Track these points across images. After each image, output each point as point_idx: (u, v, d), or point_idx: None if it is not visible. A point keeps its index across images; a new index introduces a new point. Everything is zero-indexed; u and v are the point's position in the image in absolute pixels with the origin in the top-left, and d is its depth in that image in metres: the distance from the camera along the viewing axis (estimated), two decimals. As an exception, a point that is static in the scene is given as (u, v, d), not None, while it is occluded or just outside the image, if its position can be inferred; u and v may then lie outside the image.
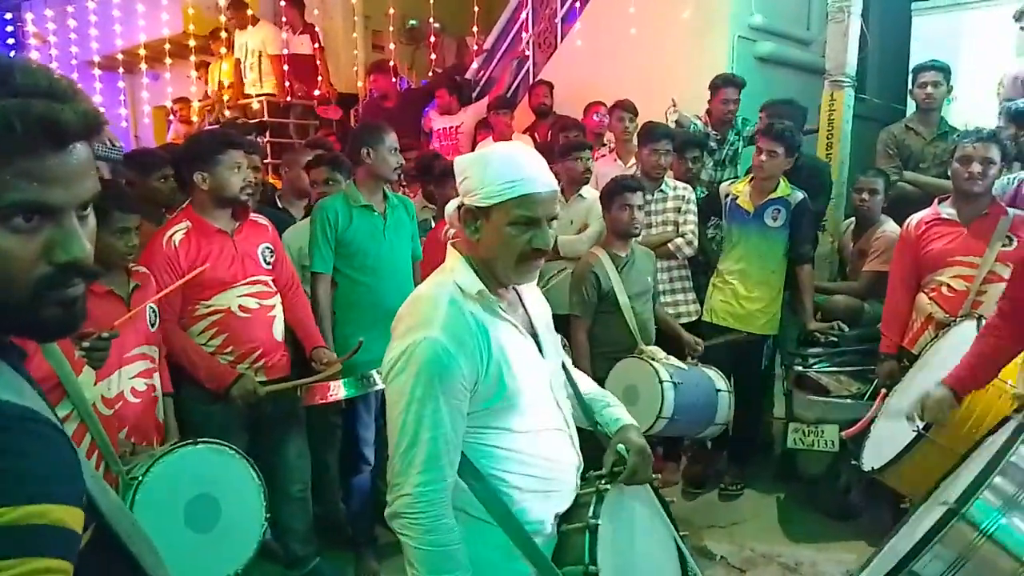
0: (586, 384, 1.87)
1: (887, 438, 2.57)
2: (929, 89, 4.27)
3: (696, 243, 3.89)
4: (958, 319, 2.87)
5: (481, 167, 1.53)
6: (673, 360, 3.27)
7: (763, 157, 3.64)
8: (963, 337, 2.55)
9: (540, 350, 1.64)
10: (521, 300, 1.69)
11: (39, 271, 0.75)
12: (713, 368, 3.39)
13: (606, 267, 3.37)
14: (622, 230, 3.40)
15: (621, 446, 1.71)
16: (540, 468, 1.59)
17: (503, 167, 1.51)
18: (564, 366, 1.78)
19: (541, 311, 1.73)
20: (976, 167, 2.94)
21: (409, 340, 1.47)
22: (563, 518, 1.62)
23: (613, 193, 3.40)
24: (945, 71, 4.33)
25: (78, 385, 2.13)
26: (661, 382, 3.09)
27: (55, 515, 0.67)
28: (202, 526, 2.22)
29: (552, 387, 1.65)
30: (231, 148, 2.69)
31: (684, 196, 3.96)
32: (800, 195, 3.69)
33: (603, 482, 1.66)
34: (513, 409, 1.54)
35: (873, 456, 2.59)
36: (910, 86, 4.48)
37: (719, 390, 3.33)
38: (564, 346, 1.90)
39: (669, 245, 3.85)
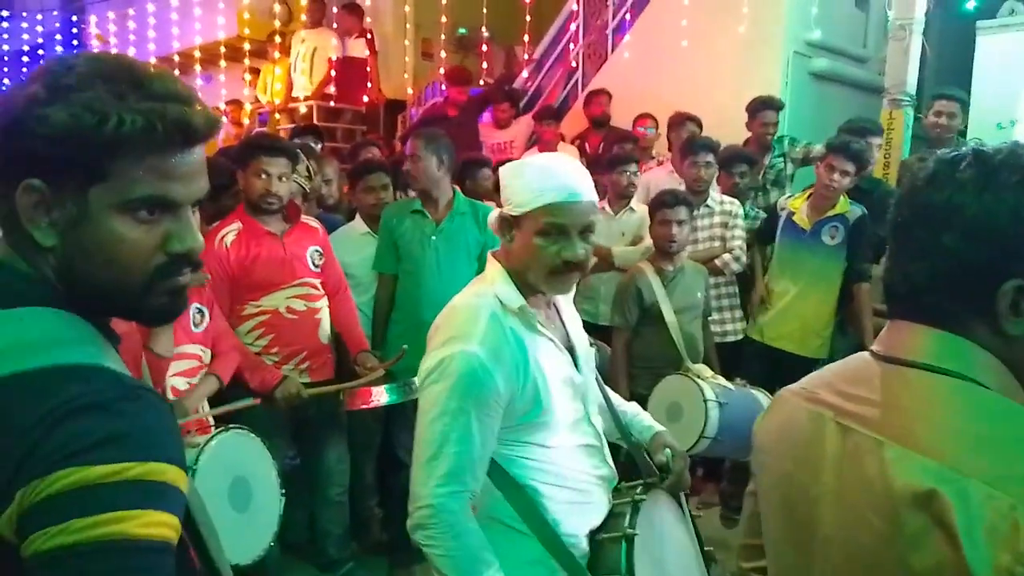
0: (617, 399, 1.88)
1: None
2: (944, 120, 4.14)
3: (744, 259, 3.81)
4: None
5: (516, 176, 1.54)
6: (720, 379, 3.20)
7: (836, 176, 3.51)
8: None
9: (576, 365, 1.63)
10: (559, 313, 1.69)
11: (156, 260, 0.82)
12: (760, 390, 3.30)
13: (651, 281, 3.31)
14: (661, 245, 3.35)
15: (668, 451, 1.73)
16: (574, 481, 1.59)
17: (534, 176, 1.52)
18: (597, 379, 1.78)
19: (578, 328, 1.73)
20: None
21: (447, 351, 1.47)
22: (598, 529, 1.62)
23: (655, 207, 3.36)
24: (962, 103, 4.18)
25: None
26: (706, 401, 3.01)
27: (171, 475, 0.73)
28: (241, 506, 2.28)
29: (586, 402, 1.65)
30: (263, 153, 2.70)
31: (731, 211, 3.87)
32: (859, 210, 3.57)
33: (638, 492, 1.66)
34: (548, 424, 1.54)
35: None
36: (925, 113, 4.33)
37: None
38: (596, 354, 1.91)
39: (716, 261, 3.77)
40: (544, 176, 1.51)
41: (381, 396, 2.73)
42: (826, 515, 0.94)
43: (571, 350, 1.65)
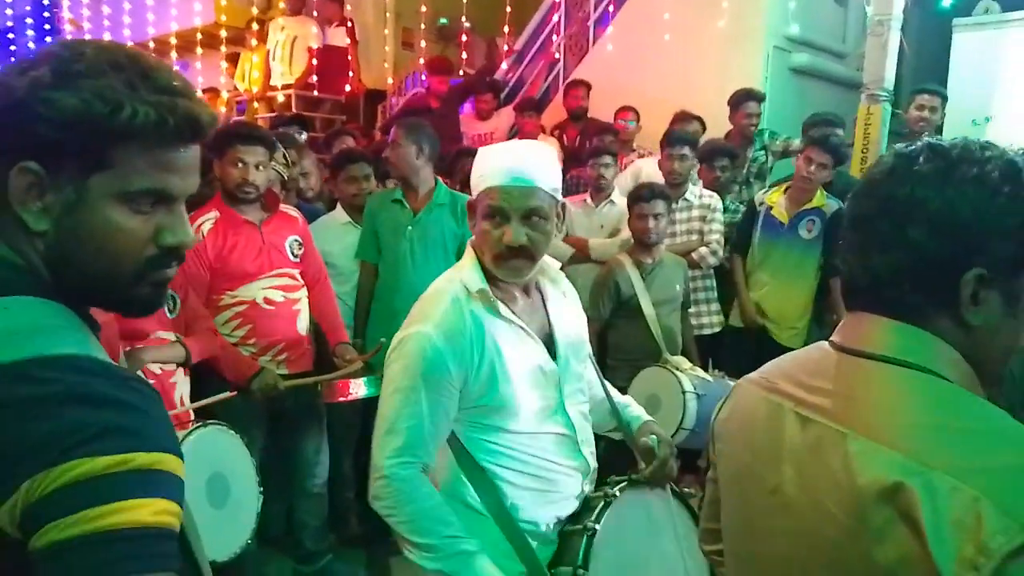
0: (612, 390, 1.89)
1: None
2: (925, 113, 4.20)
3: (721, 253, 3.82)
4: None
5: (475, 162, 1.59)
6: (699, 371, 3.21)
7: (812, 168, 3.57)
8: None
9: (554, 355, 1.63)
10: (544, 304, 1.68)
11: (148, 252, 0.83)
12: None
13: (629, 274, 3.33)
14: (638, 238, 3.37)
15: (653, 437, 1.74)
16: (536, 468, 1.60)
17: (484, 160, 1.56)
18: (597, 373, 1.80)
19: (568, 319, 1.71)
20: None
21: (406, 332, 1.55)
22: (570, 520, 1.64)
23: (632, 201, 3.37)
24: (943, 98, 4.25)
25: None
26: (684, 392, 3.03)
27: (171, 464, 0.74)
28: (219, 503, 2.26)
29: (561, 391, 1.64)
30: (239, 142, 2.66)
31: (710, 205, 3.88)
32: (836, 204, 3.61)
33: (616, 487, 1.67)
34: (508, 407, 1.56)
35: None
36: (905, 106, 4.38)
37: None
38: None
39: (693, 255, 3.78)
40: (491, 160, 1.55)
41: (359, 389, 2.71)
42: (785, 506, 0.94)
43: (550, 339, 1.64)
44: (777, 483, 0.95)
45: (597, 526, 1.59)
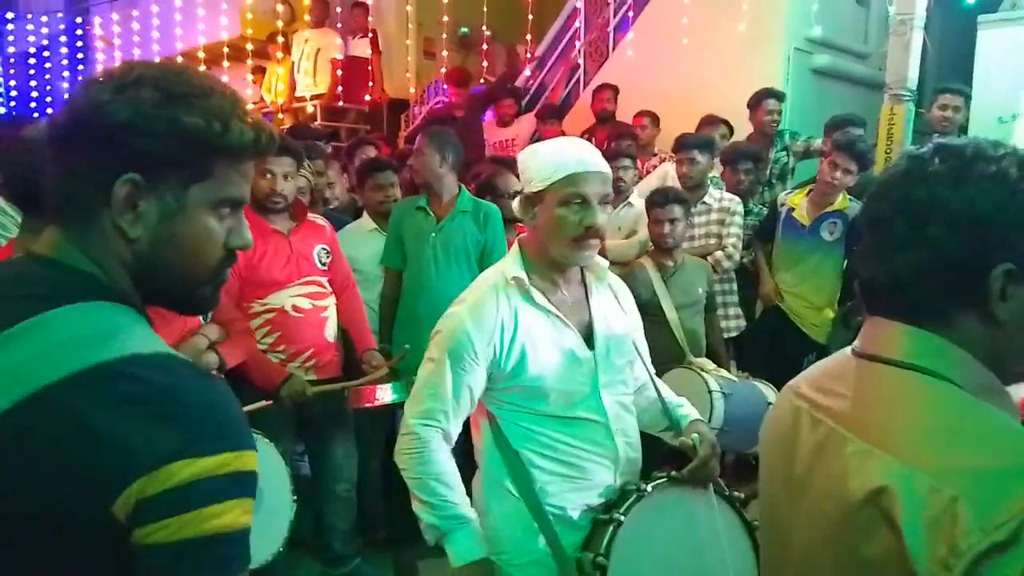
0: (666, 390, 1.95)
1: None
2: (950, 113, 4.19)
3: (737, 257, 3.82)
4: None
5: (533, 156, 1.70)
6: (724, 372, 3.22)
7: (838, 174, 3.57)
8: None
9: (591, 345, 1.71)
10: (588, 296, 1.77)
11: (220, 253, 0.91)
12: (764, 381, 3.33)
13: (650, 277, 3.34)
14: (656, 242, 3.40)
15: (695, 436, 1.78)
16: (566, 455, 1.69)
17: (551, 152, 1.67)
18: (648, 370, 1.89)
19: (612, 314, 1.79)
20: None
21: (446, 315, 1.72)
22: (604, 509, 1.71)
23: (648, 206, 3.42)
24: (966, 97, 4.24)
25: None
26: (711, 392, 3.03)
27: (253, 461, 0.80)
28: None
29: (597, 379, 1.71)
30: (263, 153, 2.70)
31: (730, 208, 3.88)
32: (858, 207, 3.60)
33: (654, 482, 1.72)
34: (539, 390, 1.66)
35: None
36: (928, 105, 4.35)
37: (770, 403, 3.23)
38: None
39: (709, 258, 3.79)
40: (561, 151, 1.67)
41: (385, 394, 2.75)
42: (795, 504, 0.97)
43: (590, 330, 1.73)
44: (791, 482, 0.98)
45: (623, 518, 1.65)
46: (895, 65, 4.69)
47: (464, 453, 1.92)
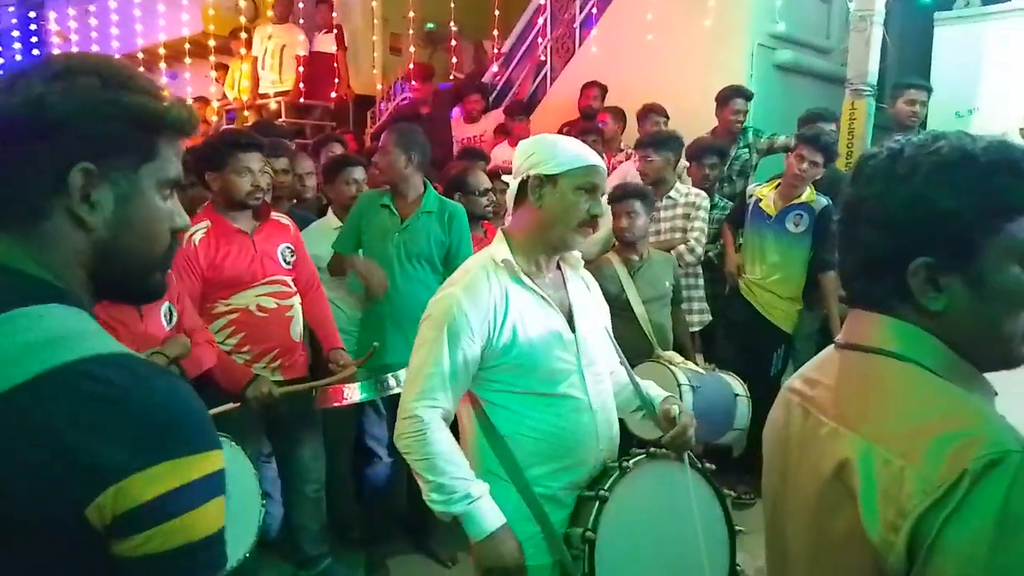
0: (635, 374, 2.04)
1: None
2: (916, 108, 4.28)
3: (699, 251, 3.84)
4: None
5: (551, 144, 1.79)
6: (691, 365, 3.25)
7: (805, 166, 3.62)
8: None
9: (573, 327, 1.81)
10: (565, 283, 1.88)
11: (168, 236, 0.91)
12: (730, 373, 3.36)
13: (617, 272, 3.37)
14: (617, 237, 3.44)
15: (675, 407, 1.88)
16: (551, 436, 1.76)
17: (572, 144, 1.80)
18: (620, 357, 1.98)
19: (586, 299, 1.91)
20: None
21: (437, 296, 1.79)
22: (588, 487, 1.78)
23: (610, 201, 3.43)
24: (929, 92, 4.33)
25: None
26: (679, 385, 3.06)
27: (221, 460, 0.80)
28: None
29: (582, 362, 1.80)
30: (239, 151, 2.68)
31: (695, 203, 3.92)
32: (824, 201, 3.66)
33: (635, 458, 1.81)
34: (527, 367, 1.74)
35: None
36: (891, 100, 4.44)
37: (737, 395, 3.28)
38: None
39: (672, 252, 3.82)
40: (581, 145, 1.80)
41: (354, 394, 2.73)
42: (787, 492, 1.01)
43: (570, 313, 1.83)
44: (784, 471, 1.03)
45: (608, 494, 1.73)
46: (856, 60, 4.78)
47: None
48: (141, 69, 0.92)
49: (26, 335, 0.76)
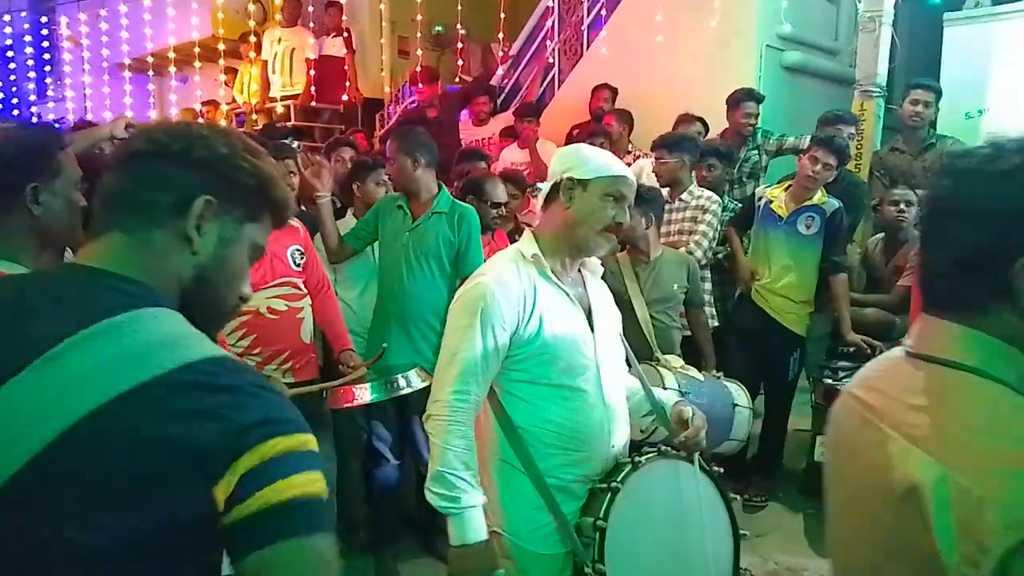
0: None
1: None
2: (919, 108, 4.27)
3: (699, 254, 3.80)
4: None
5: (587, 152, 1.89)
6: (691, 371, 3.22)
7: (818, 168, 3.59)
8: None
9: (591, 327, 1.87)
10: (584, 283, 1.95)
11: (238, 297, 1.04)
12: (737, 383, 3.32)
13: (622, 271, 3.36)
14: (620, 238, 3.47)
15: (688, 409, 1.93)
16: (565, 428, 1.81)
17: (606, 155, 1.89)
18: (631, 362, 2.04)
19: (605, 303, 1.98)
20: None
21: (468, 285, 1.84)
22: (600, 480, 1.84)
23: None
24: (937, 93, 4.31)
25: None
26: (665, 389, 3.02)
27: (315, 442, 0.90)
28: None
29: (599, 360, 1.85)
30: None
31: (703, 206, 3.91)
32: (835, 204, 3.64)
33: (647, 455, 1.87)
34: (549, 357, 1.79)
35: None
36: (901, 101, 4.43)
37: (736, 405, 3.21)
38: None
39: None
40: (604, 156, 1.88)
41: (364, 394, 2.73)
42: (846, 500, 1.01)
43: (589, 313, 1.89)
44: (843, 479, 1.02)
45: (620, 485, 1.78)
46: (864, 61, 4.77)
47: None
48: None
49: (147, 334, 0.86)
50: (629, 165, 4.90)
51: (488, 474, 1.85)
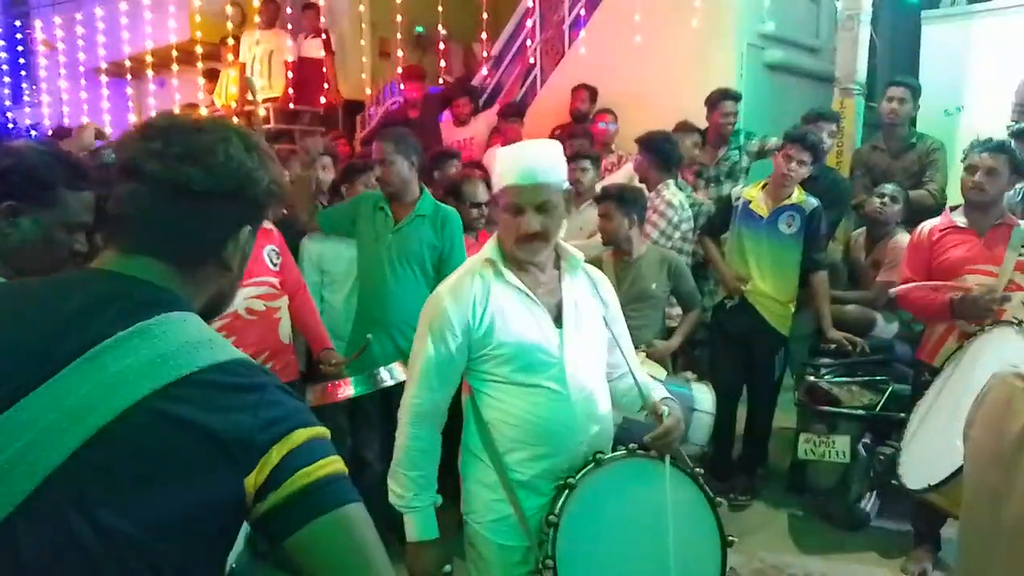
0: (644, 376, 2.06)
1: (931, 454, 2.44)
2: (895, 105, 4.29)
3: (657, 233, 3.86)
4: (986, 327, 2.78)
5: (498, 159, 1.87)
6: (655, 369, 3.17)
7: (792, 165, 3.60)
8: (1001, 343, 2.50)
9: (559, 323, 1.86)
10: (560, 282, 1.91)
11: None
12: (707, 386, 3.27)
13: (604, 272, 3.36)
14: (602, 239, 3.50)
15: (665, 408, 1.90)
16: (527, 422, 1.82)
17: (501, 159, 1.85)
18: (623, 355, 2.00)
19: (582, 300, 1.92)
20: (980, 176, 2.95)
21: (429, 297, 1.92)
22: (567, 476, 1.83)
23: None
24: (915, 90, 4.34)
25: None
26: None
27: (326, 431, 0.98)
28: None
29: (565, 357, 1.84)
30: None
31: (671, 202, 3.93)
32: (814, 202, 3.65)
33: (609, 456, 1.85)
34: (502, 358, 1.82)
35: (919, 475, 2.45)
36: (878, 99, 4.47)
37: (695, 410, 3.14)
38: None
39: None
40: (506, 160, 1.83)
41: (347, 389, 2.74)
42: (1007, 476, 1.03)
43: (560, 311, 1.87)
44: (999, 452, 1.05)
45: (576, 482, 1.79)
46: (844, 59, 4.80)
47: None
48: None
49: (177, 336, 0.92)
50: (613, 165, 4.91)
51: (461, 460, 1.96)
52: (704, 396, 3.20)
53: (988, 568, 1.06)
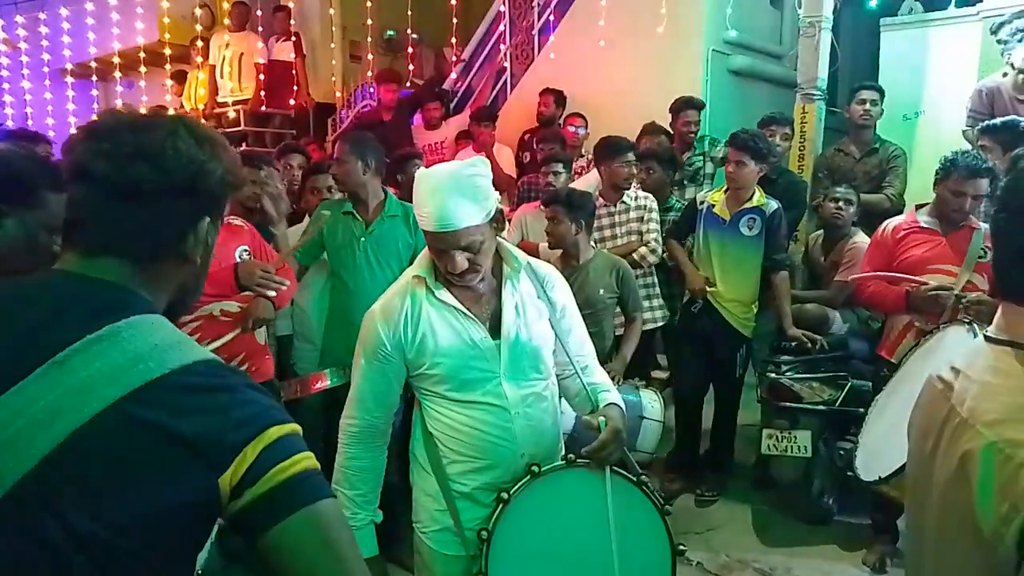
0: (599, 376, 2.02)
1: (883, 447, 2.52)
2: (867, 106, 4.43)
3: (660, 250, 3.93)
4: (942, 325, 2.87)
5: (417, 196, 1.75)
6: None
7: (731, 167, 3.71)
8: (955, 341, 2.58)
9: (496, 334, 1.82)
10: (501, 288, 1.86)
11: None
12: (655, 395, 3.29)
13: None
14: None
15: (602, 419, 1.84)
16: (468, 436, 1.83)
17: (417, 201, 1.75)
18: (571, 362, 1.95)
19: (529, 303, 1.87)
20: (969, 202, 3.02)
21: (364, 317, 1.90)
22: (507, 489, 1.81)
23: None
24: (881, 93, 4.49)
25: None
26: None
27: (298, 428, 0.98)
28: None
29: (501, 370, 1.82)
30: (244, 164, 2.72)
31: (646, 205, 4.00)
32: (774, 204, 3.73)
33: (547, 467, 1.82)
34: (439, 376, 1.82)
35: (872, 466, 2.53)
36: (848, 104, 4.59)
37: (644, 417, 3.14)
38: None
39: (634, 255, 3.87)
40: (422, 205, 1.72)
41: (323, 381, 2.77)
42: (928, 479, 1.05)
43: (497, 321, 1.83)
44: (925, 453, 1.07)
45: (509, 496, 1.78)
46: (806, 65, 4.92)
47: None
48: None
49: (146, 338, 0.91)
50: (583, 169, 4.97)
51: (411, 472, 1.98)
52: (653, 404, 3.22)
53: (920, 565, 1.10)
